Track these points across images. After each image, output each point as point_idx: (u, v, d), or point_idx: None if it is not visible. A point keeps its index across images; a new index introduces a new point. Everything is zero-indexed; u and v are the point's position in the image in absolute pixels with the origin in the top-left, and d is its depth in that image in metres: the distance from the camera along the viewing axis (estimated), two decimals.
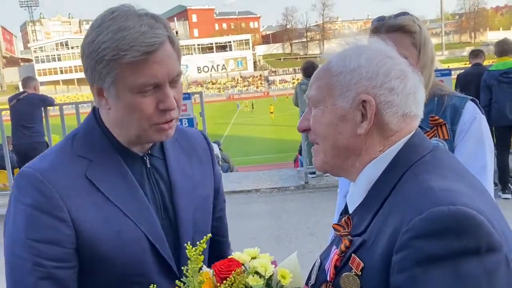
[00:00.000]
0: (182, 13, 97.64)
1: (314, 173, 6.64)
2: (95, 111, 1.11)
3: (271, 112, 38.39)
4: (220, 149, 9.59)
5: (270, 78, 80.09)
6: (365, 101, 0.87)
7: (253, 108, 39.60)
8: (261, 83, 78.75)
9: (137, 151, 1.10)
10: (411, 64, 0.92)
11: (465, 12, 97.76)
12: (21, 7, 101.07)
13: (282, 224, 5.23)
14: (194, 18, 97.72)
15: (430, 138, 1.47)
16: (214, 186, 1.26)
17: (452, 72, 7.29)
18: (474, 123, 1.50)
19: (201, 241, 0.91)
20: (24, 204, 0.99)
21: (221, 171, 7.83)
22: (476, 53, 6.49)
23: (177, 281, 0.89)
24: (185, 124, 6.30)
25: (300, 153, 7.72)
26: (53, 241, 0.98)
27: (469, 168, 1.47)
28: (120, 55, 0.95)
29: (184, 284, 0.88)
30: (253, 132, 29.45)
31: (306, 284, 0.94)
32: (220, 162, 8.52)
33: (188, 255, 0.87)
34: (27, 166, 1.04)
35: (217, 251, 1.28)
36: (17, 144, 6.26)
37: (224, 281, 0.86)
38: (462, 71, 6.41)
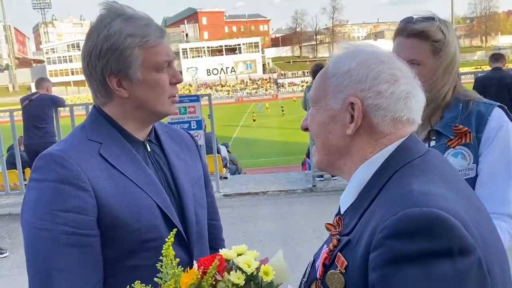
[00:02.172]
0: (192, 16, 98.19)
1: (321, 176, 6.64)
2: (96, 107, 1.22)
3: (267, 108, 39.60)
4: (228, 151, 9.61)
5: (279, 81, 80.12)
6: (353, 103, 0.90)
7: (283, 110, 39.54)
8: (270, 86, 78.81)
9: (138, 137, 1.23)
10: (416, 72, 0.93)
11: (476, 16, 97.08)
12: (33, 9, 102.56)
13: (289, 227, 5.24)
14: (204, 20, 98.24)
15: (454, 147, 1.44)
16: (203, 171, 1.41)
17: (463, 76, 7.28)
18: (501, 131, 1.42)
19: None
20: (46, 180, 1.07)
21: (229, 173, 7.86)
22: (496, 57, 6.43)
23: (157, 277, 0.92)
24: (194, 126, 6.34)
25: (308, 156, 7.72)
26: (79, 210, 1.07)
27: (494, 178, 1.43)
28: (144, 41, 1.13)
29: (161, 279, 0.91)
30: (261, 134, 29.48)
31: (301, 281, 0.98)
32: (228, 164, 8.54)
33: (163, 253, 0.91)
34: (44, 152, 1.12)
35: (211, 233, 1.41)
36: (29, 145, 6.34)
37: (204, 275, 0.89)
38: (481, 75, 6.31)
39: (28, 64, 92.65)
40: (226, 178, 7.43)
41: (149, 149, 1.24)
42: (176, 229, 0.98)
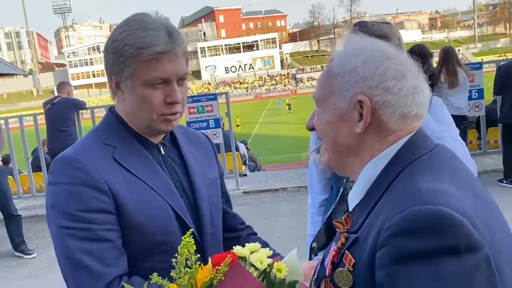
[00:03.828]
0: (209, 15, 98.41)
1: None
2: (111, 109, 1.26)
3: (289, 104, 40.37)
4: (247, 148, 9.65)
5: (298, 76, 79.70)
6: (361, 101, 0.89)
7: (289, 109, 39.59)
8: (288, 82, 78.50)
9: (151, 140, 1.24)
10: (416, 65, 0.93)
11: (499, 2, 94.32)
12: (54, 14, 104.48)
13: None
14: (221, 18, 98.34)
15: None
16: (219, 173, 1.43)
17: (486, 65, 7.09)
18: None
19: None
20: (61, 183, 1.10)
21: (248, 170, 7.89)
22: None
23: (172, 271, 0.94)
24: (212, 124, 6.38)
25: None
26: (99, 209, 1.09)
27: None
28: (138, 52, 1.10)
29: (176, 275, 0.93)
30: (281, 131, 29.40)
31: (311, 279, 0.98)
32: (247, 162, 8.57)
33: (179, 252, 0.92)
34: (59, 155, 1.15)
35: (228, 224, 1.45)
36: (52, 147, 6.49)
37: (216, 270, 0.91)
38: (503, 63, 6.14)
39: (50, 68, 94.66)
40: (245, 175, 7.46)
41: (163, 152, 1.25)
42: (192, 229, 0.99)
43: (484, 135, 6.92)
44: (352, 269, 0.83)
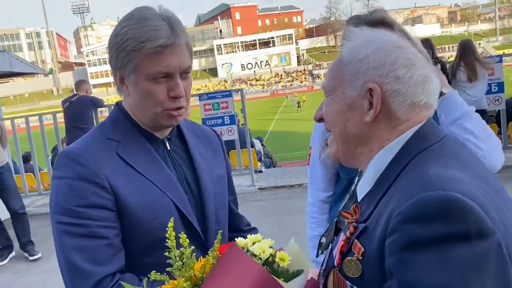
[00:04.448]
0: (225, 12, 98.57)
1: None
2: (118, 104, 1.26)
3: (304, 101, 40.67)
4: (262, 144, 9.65)
5: (314, 72, 79.25)
6: (371, 90, 0.88)
7: (299, 106, 39.58)
8: (305, 78, 78.13)
9: (157, 135, 1.23)
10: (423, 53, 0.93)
11: None
12: (73, 13, 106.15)
13: None
14: (237, 15, 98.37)
15: None
16: (227, 170, 1.42)
17: (506, 58, 6.93)
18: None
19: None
20: (65, 177, 1.11)
21: (264, 167, 7.90)
22: None
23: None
24: (227, 121, 6.41)
25: None
26: (98, 205, 1.09)
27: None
28: (140, 46, 1.09)
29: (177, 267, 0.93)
30: (298, 127, 29.32)
31: (319, 270, 0.98)
32: (262, 158, 8.58)
33: (167, 236, 0.92)
34: (63, 150, 1.16)
35: (233, 224, 1.44)
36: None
37: (211, 254, 0.92)
38: None
39: (70, 68, 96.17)
40: (261, 171, 7.47)
41: (168, 147, 1.25)
42: (173, 218, 0.98)
43: (504, 129, 6.77)
44: (361, 257, 0.83)
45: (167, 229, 1.10)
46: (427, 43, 4.91)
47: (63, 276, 1.11)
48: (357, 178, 1.69)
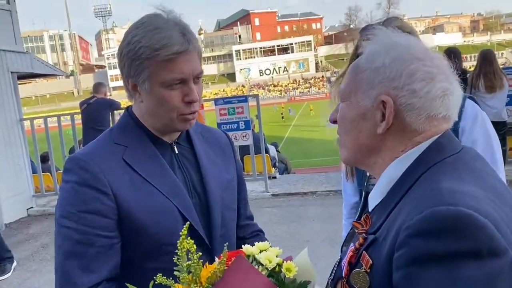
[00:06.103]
0: (245, 17, 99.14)
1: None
2: (128, 109, 1.27)
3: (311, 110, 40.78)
4: (277, 150, 9.63)
5: (332, 79, 78.85)
6: (384, 102, 0.86)
7: (282, 118, 39.16)
8: (323, 85, 77.86)
9: (165, 139, 1.24)
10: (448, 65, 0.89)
11: None
12: (96, 17, 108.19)
13: (337, 227, 5.13)
14: (256, 21, 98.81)
15: None
16: (237, 173, 1.41)
17: None
18: (477, 120, 1.49)
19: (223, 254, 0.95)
20: (70, 182, 1.13)
21: (278, 173, 7.87)
22: None
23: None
24: (242, 126, 6.41)
25: None
26: (98, 212, 1.11)
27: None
28: (154, 54, 1.10)
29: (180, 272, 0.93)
30: (314, 134, 29.22)
31: (328, 279, 0.97)
32: (276, 164, 8.55)
33: (178, 247, 0.93)
34: (71, 155, 1.19)
35: (240, 232, 1.42)
36: None
37: (219, 263, 0.91)
38: None
39: (91, 70, 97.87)
40: (275, 177, 7.44)
41: (176, 151, 1.26)
42: (188, 223, 1.00)
43: None
44: (369, 270, 0.81)
45: (171, 234, 1.11)
46: (454, 52, 4.84)
47: (55, 275, 1.13)
48: (364, 191, 1.67)
